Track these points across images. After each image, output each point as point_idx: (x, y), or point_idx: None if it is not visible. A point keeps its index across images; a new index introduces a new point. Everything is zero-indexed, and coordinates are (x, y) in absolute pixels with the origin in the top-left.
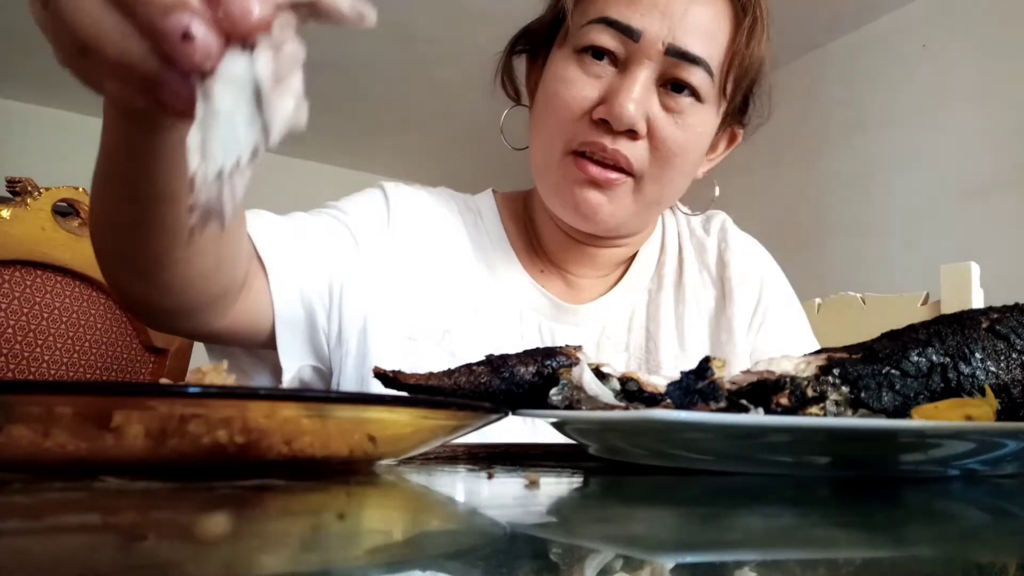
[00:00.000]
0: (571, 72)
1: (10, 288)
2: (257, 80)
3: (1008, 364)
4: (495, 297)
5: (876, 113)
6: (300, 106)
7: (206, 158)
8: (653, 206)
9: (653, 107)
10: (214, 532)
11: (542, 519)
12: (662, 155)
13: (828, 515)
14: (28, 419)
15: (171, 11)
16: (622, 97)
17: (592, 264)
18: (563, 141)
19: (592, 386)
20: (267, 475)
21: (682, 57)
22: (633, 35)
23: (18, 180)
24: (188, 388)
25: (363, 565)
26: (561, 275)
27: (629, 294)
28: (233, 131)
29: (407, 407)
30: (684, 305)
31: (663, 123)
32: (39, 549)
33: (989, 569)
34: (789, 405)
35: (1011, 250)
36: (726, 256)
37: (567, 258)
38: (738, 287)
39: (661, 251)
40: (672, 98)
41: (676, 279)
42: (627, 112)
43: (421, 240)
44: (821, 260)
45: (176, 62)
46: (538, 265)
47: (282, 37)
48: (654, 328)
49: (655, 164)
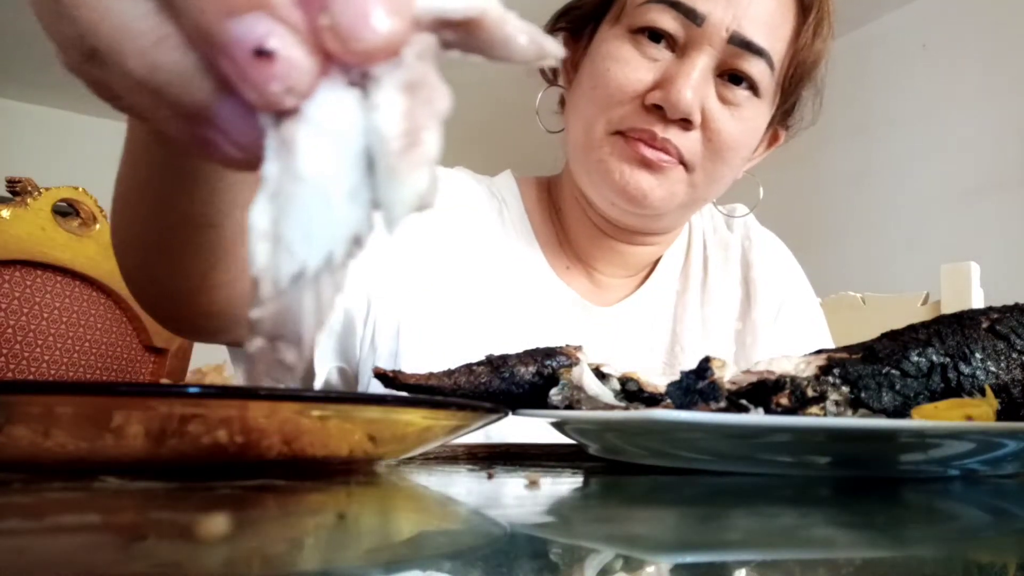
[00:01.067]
0: (625, 51)
1: (10, 288)
2: (373, 133)
3: (1008, 364)
4: (522, 296)
5: (876, 113)
6: (433, 180)
7: (279, 249)
8: (699, 201)
9: (710, 97)
10: (214, 532)
11: (542, 519)
12: (715, 148)
13: (828, 515)
14: (28, 419)
15: (239, 10)
16: (680, 83)
17: (621, 263)
18: (610, 121)
19: (592, 386)
20: (267, 475)
21: (745, 47)
22: (696, 18)
23: (18, 180)
24: (188, 388)
25: (363, 565)
26: (587, 272)
27: (655, 296)
28: (325, 210)
29: (407, 407)
30: (710, 306)
31: (719, 114)
32: (39, 549)
33: (989, 569)
34: (789, 405)
35: (1011, 250)
36: (750, 255)
37: (595, 255)
38: (763, 288)
39: (688, 252)
40: (730, 89)
41: (702, 279)
42: (684, 99)
43: (454, 230)
44: (821, 260)
45: (240, 90)
46: (564, 261)
47: (417, 71)
48: (680, 329)
49: (707, 157)
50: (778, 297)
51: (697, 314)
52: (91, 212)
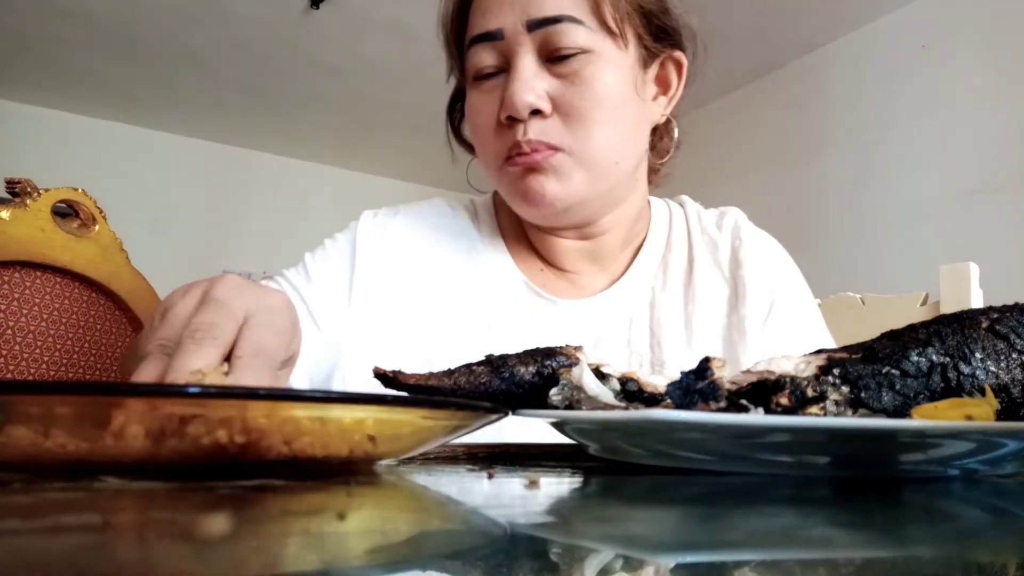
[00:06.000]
0: (475, 99)
1: (10, 289)
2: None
3: (1008, 364)
4: (486, 303)
5: (876, 113)
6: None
7: None
8: (600, 169)
9: (550, 84)
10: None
11: (542, 519)
12: (577, 117)
13: (828, 515)
14: (28, 419)
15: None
16: (510, 89)
17: (587, 258)
18: (496, 156)
19: (592, 386)
20: (267, 475)
21: (543, 24)
22: (495, 36)
23: (17, 181)
24: (188, 388)
25: (363, 565)
26: (562, 274)
27: (631, 291)
28: None
29: (407, 407)
30: (694, 304)
31: (562, 90)
32: (39, 549)
33: (989, 569)
34: (789, 405)
35: (1011, 250)
36: (740, 254)
37: (559, 258)
38: (752, 286)
39: (667, 247)
40: (561, 65)
41: (686, 278)
42: (517, 95)
43: (396, 274)
44: (821, 260)
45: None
46: (537, 264)
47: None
48: (657, 328)
49: (577, 129)
50: (768, 296)
51: (679, 312)
52: (90, 213)
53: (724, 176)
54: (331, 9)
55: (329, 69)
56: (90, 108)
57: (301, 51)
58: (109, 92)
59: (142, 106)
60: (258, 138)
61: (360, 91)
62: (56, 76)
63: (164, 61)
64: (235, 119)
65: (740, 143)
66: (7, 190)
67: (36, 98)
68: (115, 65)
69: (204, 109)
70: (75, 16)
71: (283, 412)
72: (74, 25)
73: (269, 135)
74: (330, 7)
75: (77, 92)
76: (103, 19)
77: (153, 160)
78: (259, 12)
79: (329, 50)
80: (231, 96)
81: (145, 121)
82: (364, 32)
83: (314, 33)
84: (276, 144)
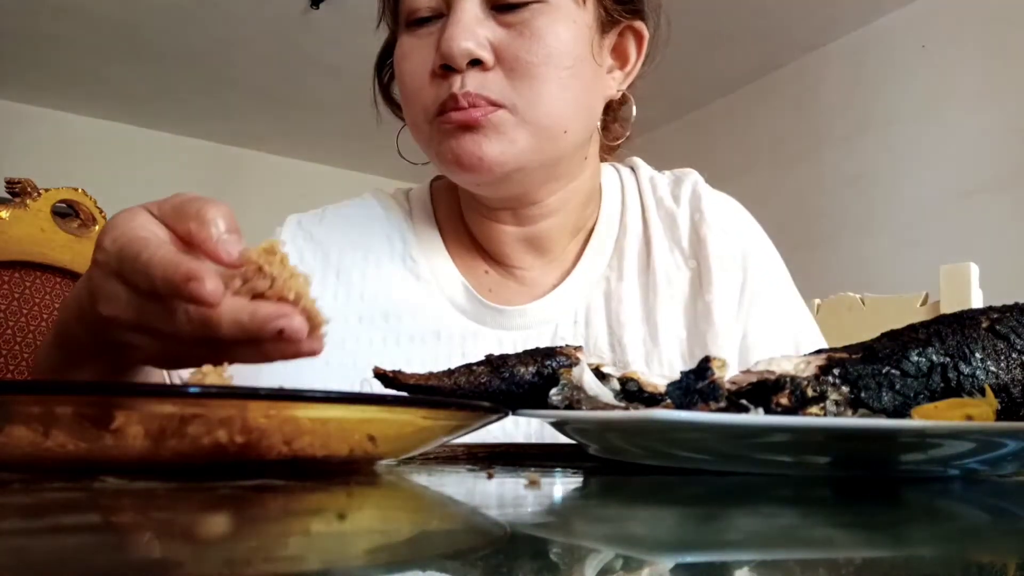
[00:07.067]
0: (406, 45)
1: (10, 289)
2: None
3: (1008, 364)
4: (426, 322)
5: (876, 113)
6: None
7: None
8: (546, 133)
9: (494, 32)
10: (214, 532)
11: (542, 519)
12: (523, 72)
13: (828, 515)
14: (28, 419)
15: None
16: (447, 32)
17: (531, 249)
18: (425, 110)
19: (592, 386)
20: (267, 475)
21: None
22: None
23: (17, 181)
24: (188, 388)
25: (363, 565)
26: (508, 271)
27: (583, 285)
28: None
29: (407, 407)
30: (655, 295)
31: (508, 41)
32: (39, 549)
33: (989, 569)
34: (789, 405)
35: (1011, 250)
36: (701, 230)
37: (502, 249)
38: (718, 267)
39: (620, 228)
40: (510, 14)
41: (643, 264)
42: (455, 41)
43: (323, 291)
44: (821, 260)
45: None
46: (481, 265)
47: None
48: (617, 325)
49: (522, 85)
50: (739, 274)
51: (638, 305)
52: (90, 213)
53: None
54: (331, 9)
55: (329, 69)
56: (90, 108)
57: (301, 51)
58: (109, 92)
59: (142, 106)
60: (258, 138)
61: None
62: (56, 76)
63: (164, 61)
64: (235, 119)
65: (740, 143)
66: (7, 190)
67: (36, 98)
68: (115, 65)
69: (204, 109)
70: (75, 16)
71: (283, 412)
72: (74, 25)
73: (269, 135)
74: (330, 7)
75: (77, 92)
76: (103, 19)
77: (153, 160)
78: (259, 12)
79: (329, 50)
80: (231, 96)
81: (145, 121)
82: (364, 32)
83: (314, 33)
84: (276, 144)
